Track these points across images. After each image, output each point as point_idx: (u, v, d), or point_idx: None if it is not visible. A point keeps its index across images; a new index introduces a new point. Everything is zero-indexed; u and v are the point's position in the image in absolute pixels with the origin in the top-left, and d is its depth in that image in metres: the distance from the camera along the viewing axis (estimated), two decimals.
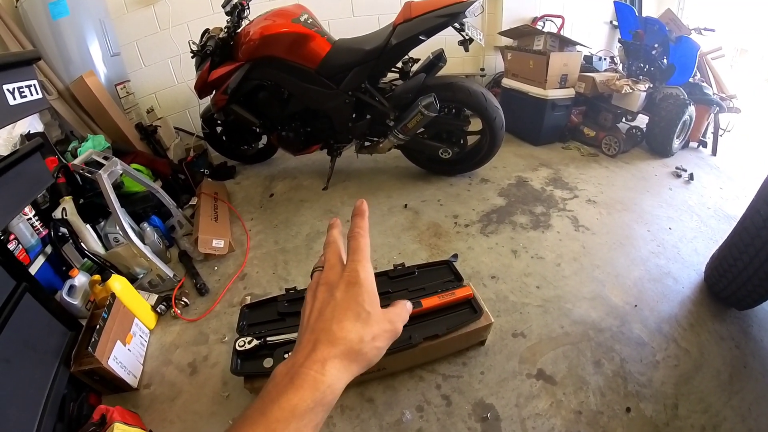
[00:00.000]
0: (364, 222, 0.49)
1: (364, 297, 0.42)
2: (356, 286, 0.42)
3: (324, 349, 0.38)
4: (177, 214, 2.23)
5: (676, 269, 1.85)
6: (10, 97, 0.92)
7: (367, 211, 0.50)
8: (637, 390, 1.31)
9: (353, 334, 0.39)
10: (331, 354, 0.38)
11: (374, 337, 0.40)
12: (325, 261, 0.47)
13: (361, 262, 0.44)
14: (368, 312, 0.41)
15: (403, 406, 1.30)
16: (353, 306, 0.41)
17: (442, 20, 2.01)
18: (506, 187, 2.57)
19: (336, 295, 0.42)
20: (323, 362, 0.37)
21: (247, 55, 2.26)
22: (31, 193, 1.16)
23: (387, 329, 0.42)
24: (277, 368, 0.38)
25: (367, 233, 0.48)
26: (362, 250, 0.45)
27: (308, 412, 0.34)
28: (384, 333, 0.42)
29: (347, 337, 0.39)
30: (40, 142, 1.20)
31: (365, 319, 0.41)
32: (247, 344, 1.26)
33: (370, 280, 0.43)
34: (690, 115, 2.92)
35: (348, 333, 0.39)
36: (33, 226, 1.80)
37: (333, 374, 0.37)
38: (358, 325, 0.40)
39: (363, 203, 0.51)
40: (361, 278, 0.42)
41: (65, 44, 2.58)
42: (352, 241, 0.46)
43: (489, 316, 1.33)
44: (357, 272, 0.43)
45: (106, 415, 1.15)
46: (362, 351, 0.39)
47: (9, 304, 1.19)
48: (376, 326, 0.41)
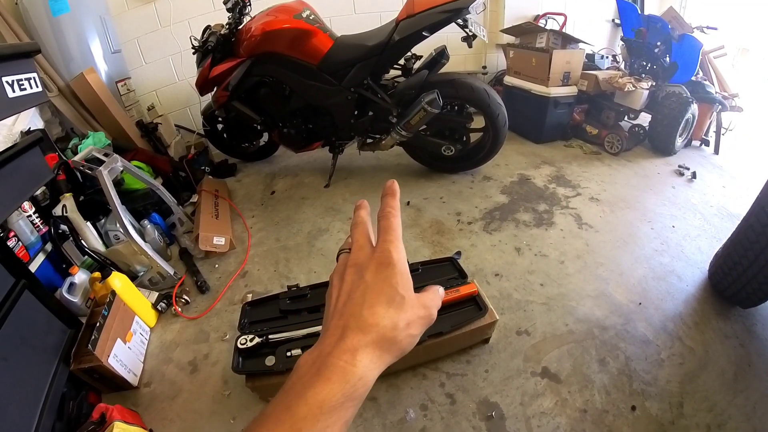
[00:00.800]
0: (396, 202, 0.45)
1: (397, 279, 0.38)
2: (389, 267, 0.38)
3: (354, 337, 0.34)
4: (178, 211, 2.22)
5: (680, 267, 1.84)
6: (9, 89, 0.91)
7: (398, 192, 0.46)
8: (642, 388, 1.30)
9: (386, 320, 0.36)
10: (362, 342, 0.34)
11: (408, 323, 0.37)
12: (353, 242, 0.43)
13: (394, 242, 0.40)
14: (402, 296, 0.37)
15: (407, 404, 1.29)
16: (386, 289, 0.37)
17: (445, 16, 2.00)
18: (509, 185, 2.56)
19: (366, 278, 0.38)
20: (354, 351, 0.33)
21: (248, 51, 2.25)
22: (29, 187, 1.15)
23: (422, 315, 0.38)
24: (302, 357, 0.35)
25: (399, 213, 0.44)
26: (394, 229, 0.42)
27: (338, 407, 0.31)
28: (419, 319, 0.38)
29: (380, 324, 0.35)
30: (39, 136, 1.19)
31: (399, 304, 0.37)
32: (249, 342, 1.25)
33: (403, 262, 0.39)
34: (693, 114, 2.91)
35: (381, 319, 0.35)
36: (33, 224, 1.80)
37: (365, 364, 0.33)
38: (391, 311, 0.36)
39: (394, 183, 0.47)
40: (395, 259, 0.39)
41: (66, 41, 2.56)
42: (383, 220, 0.43)
43: (494, 314, 1.32)
44: (390, 252, 0.39)
45: (106, 414, 1.15)
46: (396, 339, 0.36)
47: (8, 302, 1.18)
48: (410, 311, 0.37)
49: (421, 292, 0.41)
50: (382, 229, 0.42)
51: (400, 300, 0.37)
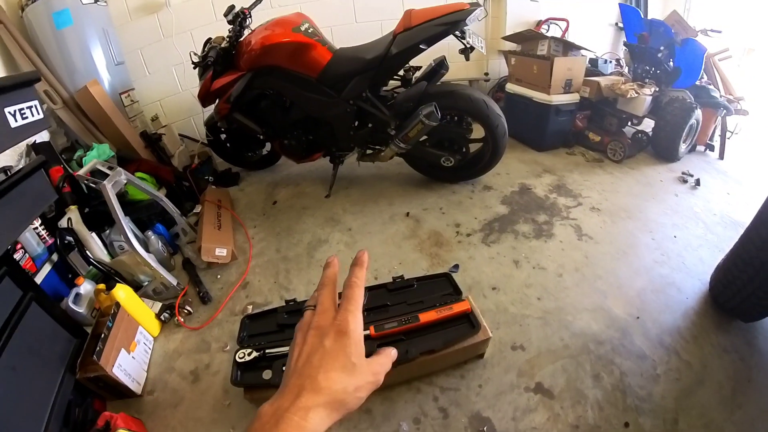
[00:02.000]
0: (362, 272, 0.51)
1: (351, 349, 0.44)
2: (345, 337, 0.44)
3: (309, 397, 0.39)
4: (181, 221, 2.24)
5: (680, 279, 1.83)
6: (11, 119, 0.93)
7: (366, 263, 0.53)
8: (636, 404, 1.30)
9: (338, 384, 0.41)
10: (315, 402, 0.39)
11: (357, 388, 0.42)
12: (319, 303, 0.48)
13: (353, 312, 0.46)
14: (354, 364, 0.43)
15: (401, 417, 1.30)
16: (341, 357, 0.43)
17: (442, 29, 2.00)
18: (509, 195, 2.55)
19: (325, 344, 0.44)
20: (307, 410, 0.38)
21: (248, 64, 2.27)
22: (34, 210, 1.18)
23: (370, 381, 0.44)
24: (263, 408, 0.40)
25: (363, 283, 0.50)
26: (355, 299, 0.48)
27: None
28: (367, 384, 0.44)
29: (332, 388, 0.41)
30: (42, 159, 1.21)
31: (350, 371, 0.42)
32: (247, 356, 1.28)
33: (358, 332, 0.45)
34: (697, 119, 2.89)
35: (333, 383, 0.41)
36: (39, 235, 1.82)
37: (315, 421, 0.38)
38: (343, 376, 0.42)
39: (364, 254, 0.54)
40: (351, 329, 0.45)
41: (69, 53, 2.60)
42: (348, 289, 0.49)
43: (487, 331, 1.32)
44: (348, 322, 0.45)
45: (111, 422, 1.18)
46: (345, 401, 0.41)
47: (16, 314, 1.21)
48: (360, 377, 0.43)
49: (375, 355, 0.47)
50: (344, 298, 0.48)
51: (352, 367, 0.43)
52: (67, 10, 2.50)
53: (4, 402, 1.07)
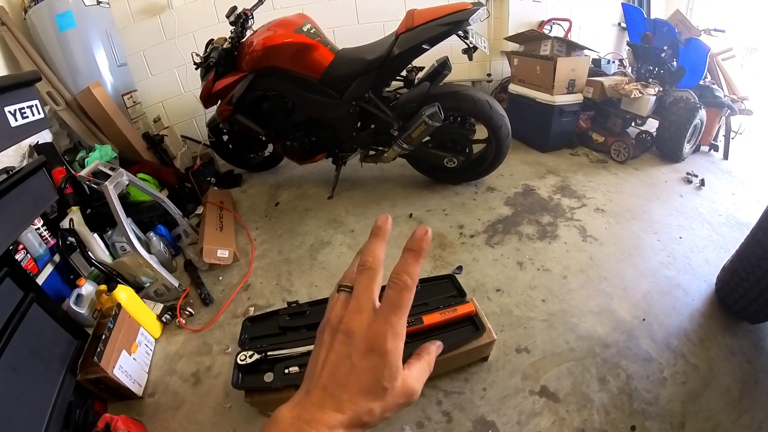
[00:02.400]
0: (417, 268, 0.41)
1: (384, 372, 0.37)
2: (378, 357, 0.38)
3: (332, 416, 0.36)
4: (183, 223, 2.24)
5: (686, 281, 1.81)
6: (11, 118, 0.93)
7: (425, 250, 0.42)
8: (642, 408, 1.28)
9: (363, 408, 0.37)
10: (337, 421, 0.36)
11: (384, 409, 0.38)
12: (354, 295, 0.41)
13: (395, 325, 0.38)
14: (385, 388, 0.37)
15: (403, 421, 1.28)
16: (369, 378, 0.37)
17: (445, 29, 1.99)
18: (513, 196, 2.54)
19: (353, 359, 0.38)
20: (329, 427, 0.35)
21: (250, 65, 2.27)
22: (35, 210, 1.18)
23: (401, 403, 0.39)
24: (282, 411, 0.37)
25: (416, 283, 0.40)
26: (401, 308, 0.39)
27: None
28: (396, 406, 0.38)
29: (356, 410, 0.36)
30: (43, 159, 1.21)
31: (379, 395, 0.37)
32: (248, 358, 1.26)
33: (396, 352, 0.38)
34: (701, 119, 2.87)
35: (358, 407, 0.37)
36: (41, 236, 1.83)
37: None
38: (369, 399, 0.37)
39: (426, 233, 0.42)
40: (388, 349, 0.38)
41: (72, 55, 2.61)
42: (393, 290, 0.39)
43: (491, 334, 1.31)
44: (385, 340, 0.38)
45: (111, 424, 1.17)
46: (369, 423, 0.37)
47: (17, 315, 1.21)
48: (390, 400, 0.38)
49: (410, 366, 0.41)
50: (388, 300, 0.39)
51: (382, 392, 0.37)
52: (70, 13, 2.52)
53: (4, 403, 1.07)
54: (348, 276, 0.45)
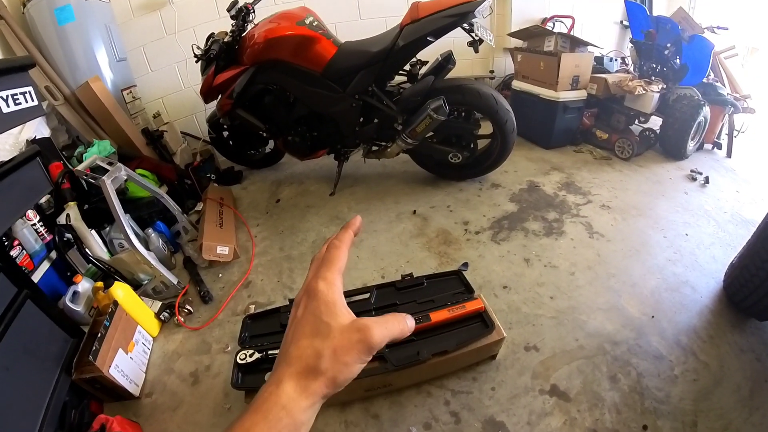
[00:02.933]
0: (347, 235, 0.46)
1: (321, 308, 0.38)
2: (313, 299, 0.39)
3: (282, 369, 0.36)
4: (182, 219, 2.22)
5: (693, 277, 1.79)
6: (3, 104, 0.90)
7: (356, 225, 0.48)
8: (654, 406, 1.26)
9: (309, 350, 0.36)
10: (286, 373, 0.35)
11: (335, 350, 0.36)
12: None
13: (324, 275, 0.41)
14: (327, 323, 0.37)
15: (410, 422, 1.26)
16: (310, 321, 0.38)
17: (450, 20, 1.97)
18: (518, 192, 2.52)
19: (297, 314, 0.40)
20: (278, 383, 0.35)
21: (252, 58, 2.25)
22: (27, 201, 1.16)
23: (354, 340, 0.37)
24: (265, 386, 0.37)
25: (346, 246, 0.45)
26: (330, 261, 0.42)
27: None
28: (350, 345, 0.37)
29: (302, 355, 0.36)
30: (36, 149, 1.18)
31: (324, 333, 0.37)
32: (249, 357, 1.24)
33: (328, 291, 0.40)
34: (705, 117, 2.86)
35: (304, 350, 0.36)
36: (37, 232, 1.82)
37: (288, 394, 0.34)
38: (316, 340, 0.37)
39: (357, 218, 0.49)
40: (318, 289, 0.39)
41: (71, 50, 2.60)
42: (327, 251, 0.44)
43: (501, 331, 1.28)
44: (315, 284, 0.40)
45: (106, 425, 1.15)
46: (320, 367, 0.35)
47: (10, 312, 1.19)
48: (338, 338, 0.37)
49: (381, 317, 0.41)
50: (322, 261, 0.43)
51: (325, 328, 0.37)
52: (69, 6, 2.50)
53: None
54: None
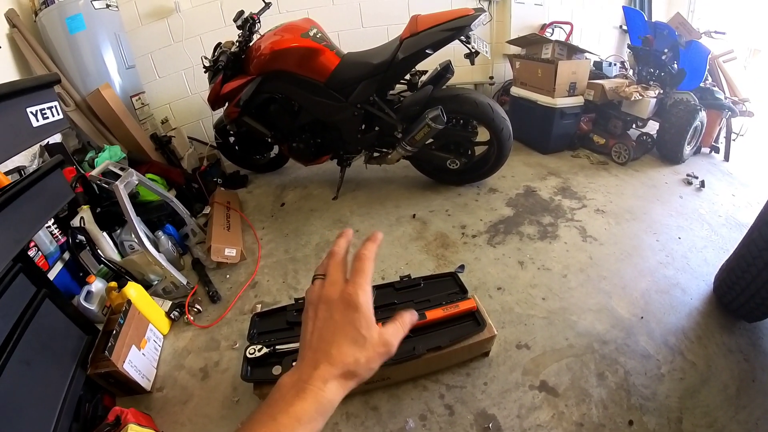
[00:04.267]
0: (374, 246, 0.52)
1: (361, 322, 0.45)
2: (354, 311, 0.46)
3: (325, 369, 0.43)
4: (190, 222, 2.27)
5: (684, 280, 1.83)
6: (33, 119, 0.97)
7: (380, 240, 0.54)
8: (640, 403, 1.31)
9: (350, 357, 0.44)
10: (331, 374, 0.43)
11: (368, 359, 0.45)
12: (328, 274, 0.50)
13: (363, 285, 0.47)
14: (364, 337, 0.45)
15: (407, 414, 1.31)
16: (350, 330, 0.45)
17: (448, 34, 2.03)
18: (514, 197, 2.56)
19: (335, 317, 0.46)
20: (324, 380, 0.42)
21: (258, 69, 2.31)
22: (52, 207, 1.22)
23: (381, 352, 0.46)
24: (283, 379, 0.44)
25: (374, 257, 0.51)
26: (365, 272, 0.49)
27: (311, 420, 0.40)
28: (377, 355, 0.46)
29: (345, 360, 0.44)
30: (60, 159, 1.25)
31: (361, 344, 0.45)
32: (257, 352, 1.30)
33: (368, 305, 0.47)
34: (701, 121, 2.88)
35: (345, 357, 0.44)
36: (52, 234, 1.87)
37: (332, 390, 0.42)
38: (354, 349, 0.45)
39: (378, 233, 0.55)
40: (360, 302, 0.46)
41: (82, 57, 2.67)
42: (358, 261, 0.49)
43: (492, 329, 1.34)
44: (357, 296, 0.46)
45: (121, 417, 1.19)
46: (356, 372, 0.44)
47: (30, 309, 1.24)
48: (371, 350, 0.45)
49: (388, 324, 0.49)
50: (354, 270, 0.49)
51: (363, 341, 0.45)
52: (80, 15, 2.57)
53: (17, 395, 1.10)
54: (320, 268, 0.53)
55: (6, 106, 0.90)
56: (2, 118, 0.89)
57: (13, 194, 1.03)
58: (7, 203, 1.01)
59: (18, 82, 0.94)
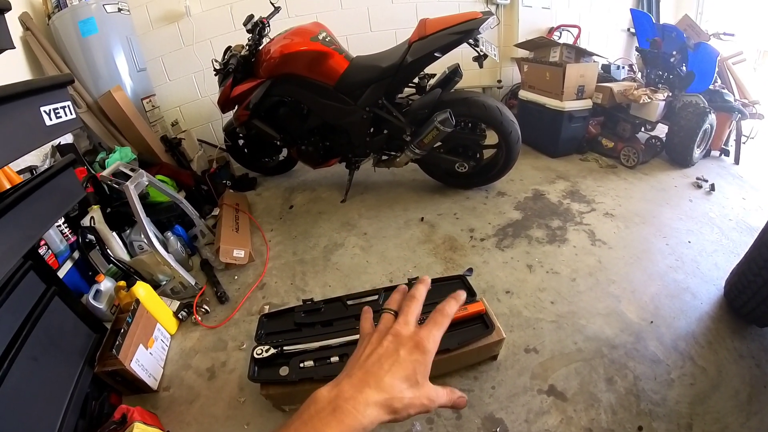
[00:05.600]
0: (456, 307, 0.54)
1: (422, 367, 0.46)
2: (421, 354, 0.46)
3: (371, 393, 0.42)
4: (200, 223, 2.29)
5: (694, 284, 1.81)
6: (46, 118, 0.98)
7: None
8: (650, 408, 1.29)
9: (398, 391, 0.43)
10: (375, 400, 0.42)
11: (411, 404, 0.44)
12: (403, 313, 0.51)
13: (436, 336, 0.49)
14: (418, 382, 0.45)
15: (413, 418, 1.31)
16: (410, 368, 0.45)
17: (456, 37, 2.04)
18: (523, 201, 2.56)
19: (401, 353, 0.46)
20: (366, 405, 0.41)
21: (267, 72, 2.33)
22: (63, 206, 1.23)
23: (423, 404, 0.45)
24: (321, 391, 0.43)
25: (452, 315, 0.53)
26: (441, 325, 0.50)
27: None
28: (419, 405, 0.45)
29: (392, 391, 0.43)
30: (72, 158, 1.27)
31: (413, 386, 0.45)
32: (265, 353, 1.31)
33: (433, 354, 0.48)
34: (711, 124, 2.86)
35: (394, 388, 0.43)
36: (62, 233, 1.89)
37: (370, 416, 0.41)
38: (405, 386, 0.44)
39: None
40: (429, 349, 0.47)
41: (94, 60, 2.70)
42: (439, 314, 0.52)
43: (501, 332, 1.33)
44: (428, 342, 0.47)
45: (127, 415, 1.20)
46: (397, 408, 0.43)
47: (39, 306, 1.26)
48: (417, 397, 0.45)
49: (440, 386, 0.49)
50: (433, 320, 0.51)
51: (415, 384, 0.45)
52: (92, 19, 2.60)
53: (25, 391, 1.11)
54: (390, 302, 0.55)
55: (20, 105, 0.92)
56: (17, 116, 0.90)
57: (25, 191, 1.05)
58: (20, 200, 1.03)
59: (33, 81, 0.96)
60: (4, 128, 0.87)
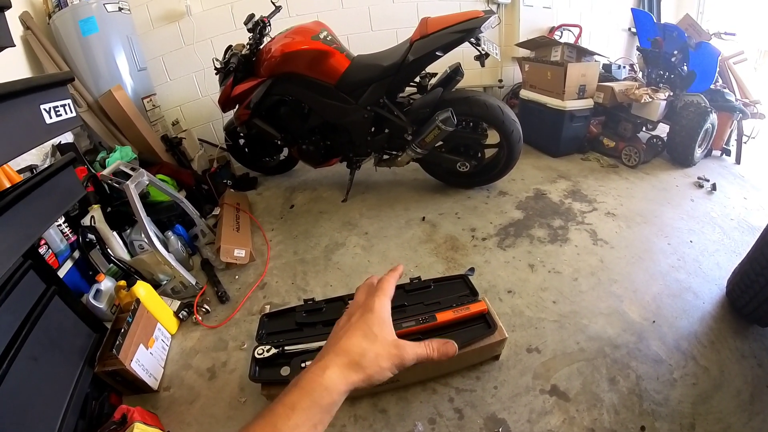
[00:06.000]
0: (395, 274, 0.59)
1: (374, 321, 0.49)
2: (369, 312, 0.50)
3: (328, 358, 0.44)
4: (200, 223, 2.29)
5: (696, 284, 1.81)
6: (46, 116, 0.98)
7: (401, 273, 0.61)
8: (652, 408, 1.29)
9: (357, 347, 0.46)
10: (333, 361, 0.44)
11: (377, 355, 0.46)
12: (354, 300, 0.55)
13: (380, 297, 0.52)
14: (375, 334, 0.47)
15: (416, 417, 1.31)
16: (363, 327, 0.48)
17: (457, 36, 2.03)
18: (524, 200, 2.55)
19: (352, 320, 0.50)
20: (324, 368, 0.43)
21: (268, 71, 2.32)
22: (63, 204, 1.23)
23: (392, 353, 0.47)
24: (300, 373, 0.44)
25: (395, 281, 0.57)
26: (384, 289, 0.54)
27: (305, 410, 0.40)
28: (388, 355, 0.46)
29: (350, 350, 0.45)
30: (72, 156, 1.27)
31: (371, 339, 0.47)
32: (266, 352, 1.30)
33: (382, 310, 0.51)
34: (712, 123, 2.86)
35: (352, 346, 0.46)
36: (62, 232, 1.89)
37: (331, 378, 0.42)
38: (363, 342, 0.46)
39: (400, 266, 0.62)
40: (375, 307, 0.50)
41: (94, 59, 2.70)
42: (380, 282, 0.56)
43: (503, 332, 1.33)
44: (373, 302, 0.51)
45: (127, 415, 1.19)
46: (362, 364, 0.45)
47: (39, 306, 1.26)
48: (380, 347, 0.47)
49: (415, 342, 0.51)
50: (376, 288, 0.54)
51: (373, 336, 0.47)
52: (92, 18, 2.60)
53: (24, 391, 1.11)
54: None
55: (20, 102, 0.91)
56: (16, 114, 0.90)
57: (25, 190, 1.04)
58: (20, 198, 1.02)
59: (32, 78, 0.96)
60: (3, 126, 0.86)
